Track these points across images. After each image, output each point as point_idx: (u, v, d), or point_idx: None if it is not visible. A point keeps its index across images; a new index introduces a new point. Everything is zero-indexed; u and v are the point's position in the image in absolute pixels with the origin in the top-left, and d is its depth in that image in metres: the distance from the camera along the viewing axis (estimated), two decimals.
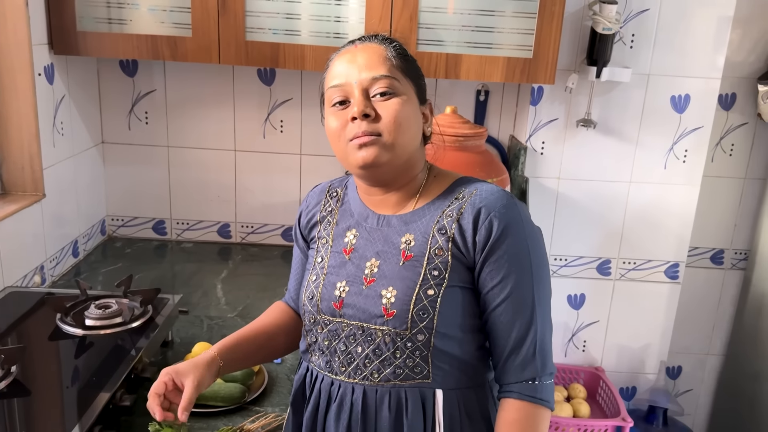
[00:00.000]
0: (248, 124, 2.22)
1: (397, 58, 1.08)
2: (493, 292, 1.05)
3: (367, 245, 1.12)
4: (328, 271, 1.14)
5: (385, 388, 1.07)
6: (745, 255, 2.47)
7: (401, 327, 1.05)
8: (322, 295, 1.12)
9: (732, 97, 2.31)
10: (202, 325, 1.71)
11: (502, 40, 1.84)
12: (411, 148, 1.09)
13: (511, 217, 1.05)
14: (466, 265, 1.06)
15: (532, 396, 1.05)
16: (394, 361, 1.06)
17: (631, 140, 2.13)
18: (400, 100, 1.05)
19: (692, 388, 2.61)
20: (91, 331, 1.40)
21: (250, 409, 1.35)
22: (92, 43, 1.84)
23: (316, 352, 1.14)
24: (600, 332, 2.34)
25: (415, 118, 1.09)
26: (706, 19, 2.04)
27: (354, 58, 1.07)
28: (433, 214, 1.09)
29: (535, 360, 1.05)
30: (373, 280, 1.08)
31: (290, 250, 2.31)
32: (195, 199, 2.29)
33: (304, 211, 1.25)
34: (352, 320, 1.09)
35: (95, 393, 1.18)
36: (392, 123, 1.04)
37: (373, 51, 1.08)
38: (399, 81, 1.06)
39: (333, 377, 1.11)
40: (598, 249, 2.24)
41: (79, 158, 2.06)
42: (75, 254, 2.06)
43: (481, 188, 1.09)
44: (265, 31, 1.85)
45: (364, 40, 1.10)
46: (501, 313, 1.05)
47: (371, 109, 1.04)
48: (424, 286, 1.05)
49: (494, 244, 1.03)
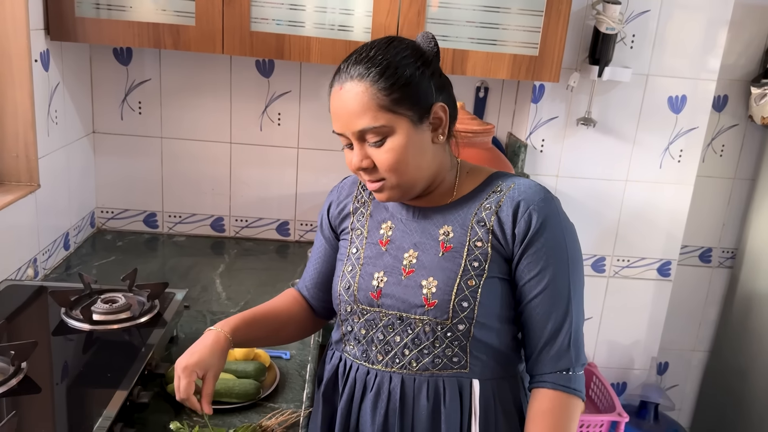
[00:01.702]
0: (245, 116, 2.19)
1: (382, 93, 1.01)
2: (530, 283, 1.06)
3: (404, 237, 1.12)
4: (365, 261, 1.14)
5: (423, 377, 1.08)
6: (732, 254, 2.52)
7: (442, 317, 1.06)
8: (359, 285, 1.12)
9: (724, 99, 2.35)
10: (205, 321, 1.67)
11: (508, 37, 1.84)
12: (424, 173, 1.07)
13: (549, 210, 1.06)
14: (505, 257, 1.07)
15: (566, 386, 1.06)
16: (433, 351, 1.07)
17: (629, 139, 2.16)
18: (392, 145, 1.02)
19: (678, 383, 2.66)
20: (99, 326, 1.36)
21: (264, 406, 1.33)
22: (90, 29, 1.78)
23: (351, 342, 1.14)
24: (593, 328, 2.36)
25: (416, 147, 1.04)
26: (703, 21, 2.07)
27: (341, 105, 1.03)
28: (471, 207, 1.10)
29: (569, 351, 1.06)
30: (412, 270, 1.09)
31: (286, 244, 2.32)
32: (188, 192, 2.25)
33: (335, 202, 1.24)
34: (390, 310, 1.09)
35: (112, 390, 1.14)
36: (389, 170, 1.04)
37: (354, 96, 1.01)
38: (386, 124, 1.01)
39: (369, 366, 1.12)
40: (593, 246, 2.27)
41: (71, 148, 2.00)
42: (66, 247, 2.00)
43: (519, 182, 1.10)
44: (269, 21, 1.81)
45: (347, 78, 1.02)
46: (537, 304, 1.06)
47: (368, 161, 1.04)
48: (465, 276, 1.06)
49: (533, 236, 1.04)
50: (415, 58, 1.04)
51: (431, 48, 1.08)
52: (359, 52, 1.05)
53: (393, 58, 1.02)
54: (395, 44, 1.05)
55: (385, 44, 1.05)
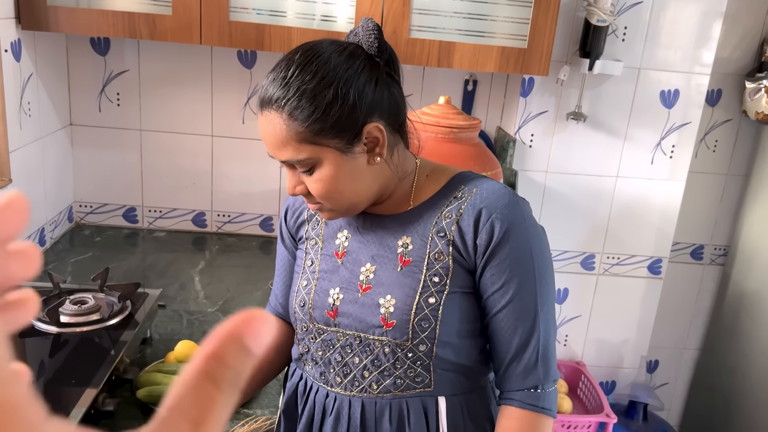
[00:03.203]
0: (227, 109, 2.13)
1: (301, 124, 0.91)
2: (494, 296, 0.98)
3: (361, 248, 1.04)
4: (320, 276, 1.06)
5: (385, 399, 1.01)
6: (724, 251, 2.48)
7: (402, 338, 0.98)
8: (315, 303, 1.05)
9: (718, 93, 2.30)
10: (181, 321, 1.62)
11: (496, 29, 1.79)
12: (363, 195, 0.99)
13: (513, 217, 0.98)
14: (468, 269, 0.99)
15: (534, 405, 1.00)
16: (394, 372, 1.00)
17: (620, 135, 2.11)
18: (321, 173, 0.94)
19: (668, 381, 2.63)
20: (67, 328, 1.31)
21: (239, 412, 1.28)
22: (64, 18, 1.72)
23: (309, 362, 1.07)
24: (582, 327, 2.33)
25: (348, 174, 0.95)
26: (697, 13, 2.02)
27: (263, 131, 0.95)
28: (431, 215, 1.01)
29: (537, 367, 1.00)
30: (369, 287, 1.01)
31: (269, 240, 2.27)
32: (169, 186, 2.19)
33: (291, 208, 1.15)
34: (348, 330, 1.02)
35: (75, 396, 1.10)
36: (324, 197, 0.97)
37: (273, 128, 0.92)
38: (310, 156, 0.93)
39: (328, 389, 1.05)
40: (583, 244, 2.22)
41: (46, 141, 1.94)
42: (42, 243, 1.94)
43: (482, 186, 1.01)
44: (249, 11, 1.75)
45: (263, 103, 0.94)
46: (503, 318, 0.99)
47: (301, 187, 0.98)
48: (424, 293, 0.98)
49: (496, 246, 0.96)
50: (342, 72, 0.92)
51: (371, 43, 0.96)
52: (278, 70, 0.93)
53: (310, 83, 0.90)
54: (319, 58, 0.92)
55: (305, 60, 0.92)
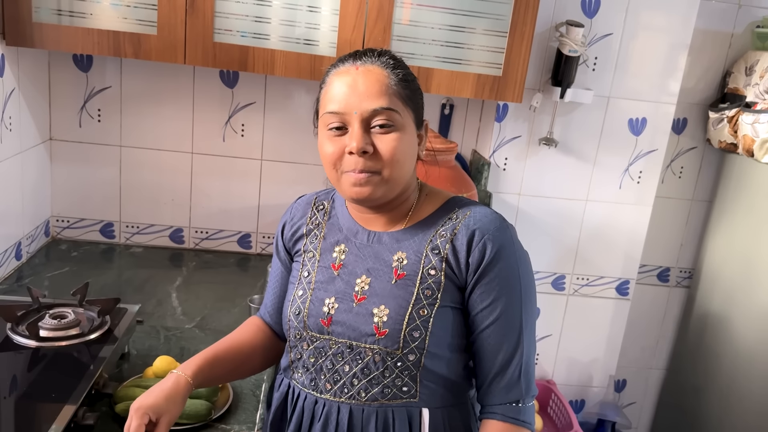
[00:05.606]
0: (207, 127, 2.16)
1: (399, 84, 1.03)
2: (482, 314, 1.05)
3: (357, 261, 1.10)
4: (316, 286, 1.11)
5: (372, 407, 1.06)
6: (689, 273, 2.57)
7: (393, 347, 1.03)
8: (309, 311, 1.10)
9: (683, 122, 2.40)
10: (159, 337, 1.63)
11: (472, 57, 1.85)
12: (406, 179, 1.07)
13: (503, 240, 1.05)
14: (458, 286, 1.06)
15: (515, 418, 1.05)
16: (383, 381, 1.05)
17: (589, 160, 2.19)
18: (399, 135, 1.02)
19: (635, 401, 2.70)
20: (46, 342, 1.32)
21: (216, 427, 1.30)
22: (48, 35, 1.74)
23: (300, 369, 1.11)
24: (552, 346, 2.38)
25: (412, 150, 1.06)
26: (665, 46, 2.11)
27: (355, 83, 1.01)
28: (426, 233, 1.08)
29: (519, 383, 1.06)
30: (363, 297, 1.06)
31: (247, 257, 2.29)
32: (147, 202, 2.20)
33: (288, 223, 1.22)
34: (340, 338, 1.07)
35: (56, 411, 1.11)
36: (390, 160, 1.01)
37: (375, 78, 1.02)
38: (399, 113, 1.02)
39: (317, 395, 1.09)
40: (554, 265, 2.29)
41: (26, 155, 1.94)
42: (18, 257, 1.94)
43: (475, 210, 1.09)
44: (233, 33, 1.79)
45: (365, 61, 1.03)
46: (489, 335, 1.05)
47: (370, 145, 1.01)
48: (417, 305, 1.04)
49: (487, 266, 1.03)
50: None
51: None
52: (370, 49, 1.07)
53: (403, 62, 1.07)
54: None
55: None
